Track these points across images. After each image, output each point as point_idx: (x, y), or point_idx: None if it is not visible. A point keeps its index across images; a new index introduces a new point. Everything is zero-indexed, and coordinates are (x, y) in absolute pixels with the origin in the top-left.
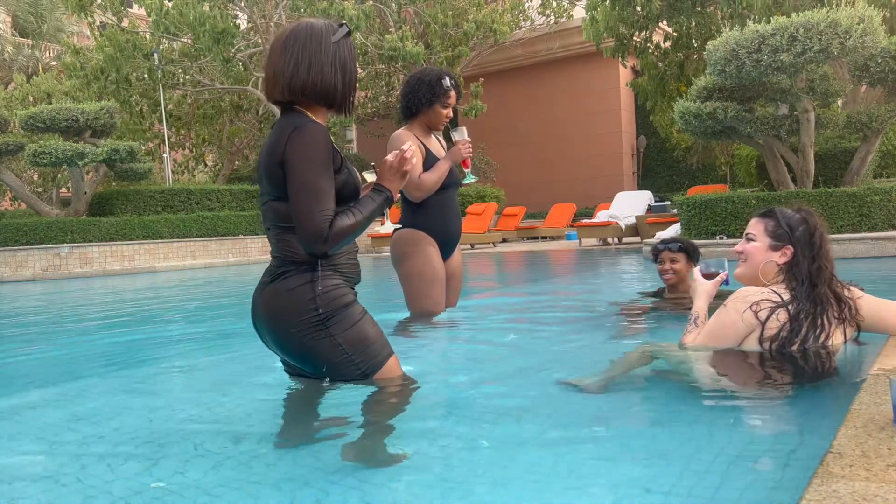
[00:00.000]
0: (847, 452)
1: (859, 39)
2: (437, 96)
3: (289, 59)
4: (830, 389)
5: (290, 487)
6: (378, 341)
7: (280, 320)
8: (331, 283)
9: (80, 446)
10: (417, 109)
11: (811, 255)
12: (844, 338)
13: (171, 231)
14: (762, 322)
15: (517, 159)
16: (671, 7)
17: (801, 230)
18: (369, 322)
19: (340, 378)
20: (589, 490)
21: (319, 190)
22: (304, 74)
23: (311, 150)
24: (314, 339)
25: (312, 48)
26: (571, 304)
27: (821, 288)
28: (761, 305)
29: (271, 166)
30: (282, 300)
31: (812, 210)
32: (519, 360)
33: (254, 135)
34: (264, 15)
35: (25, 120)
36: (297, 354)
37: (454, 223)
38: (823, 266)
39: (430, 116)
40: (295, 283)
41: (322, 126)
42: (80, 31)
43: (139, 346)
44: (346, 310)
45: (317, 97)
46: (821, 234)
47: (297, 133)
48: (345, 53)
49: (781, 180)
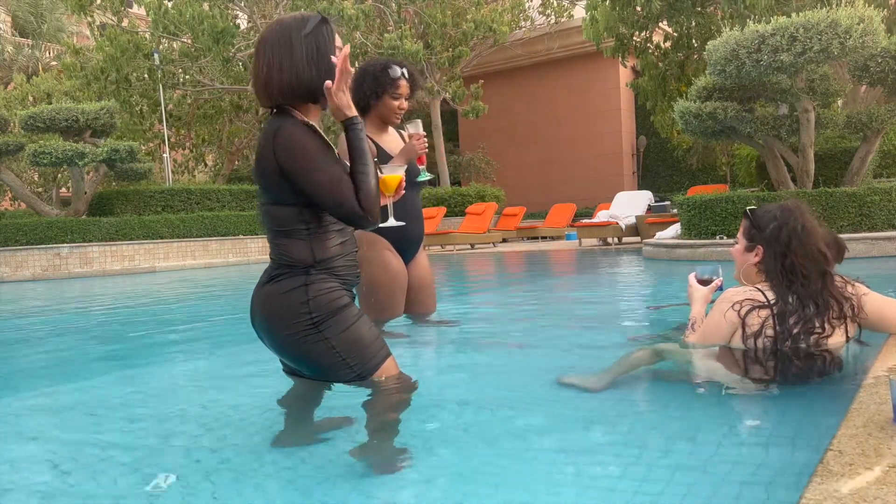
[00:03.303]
0: (847, 451)
1: (859, 39)
2: (383, 87)
3: (262, 65)
4: (830, 389)
5: (290, 487)
6: (374, 343)
7: (275, 322)
8: (324, 286)
9: (80, 446)
10: (366, 103)
11: (780, 252)
12: (846, 337)
13: (171, 231)
14: (742, 319)
15: (517, 159)
16: (671, 7)
17: (771, 228)
18: (365, 324)
19: (336, 380)
20: (589, 489)
21: (332, 180)
22: (278, 77)
23: (299, 148)
24: (308, 343)
25: (282, 49)
26: (572, 303)
27: (805, 286)
28: (743, 304)
29: (266, 174)
30: (276, 303)
31: (796, 204)
32: (520, 360)
33: (254, 135)
34: (264, 15)
35: (25, 120)
36: (292, 356)
37: (414, 224)
38: (798, 263)
39: (381, 110)
40: (288, 286)
41: (299, 122)
42: (80, 31)
43: (138, 346)
44: (340, 313)
45: (299, 97)
46: (793, 229)
47: (279, 139)
48: (320, 45)
49: (781, 180)
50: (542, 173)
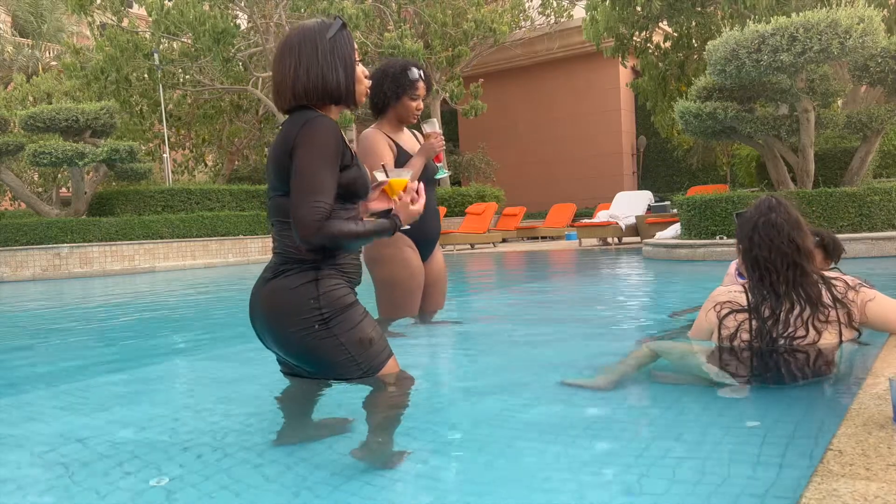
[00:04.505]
0: (847, 451)
1: (859, 39)
2: (403, 88)
3: (288, 68)
4: (830, 389)
5: (291, 487)
6: (379, 342)
7: (280, 318)
8: (333, 282)
9: (80, 446)
10: (385, 104)
11: (746, 247)
12: (840, 338)
13: (171, 231)
14: (719, 321)
15: (517, 159)
16: (671, 7)
17: (741, 223)
18: (370, 323)
19: (341, 378)
20: (588, 489)
21: (320, 180)
22: (304, 79)
23: (319, 141)
24: (316, 339)
25: (308, 51)
26: (573, 303)
27: (775, 281)
28: (724, 306)
29: (281, 157)
30: (283, 298)
31: (766, 199)
32: (521, 360)
33: (254, 135)
34: (264, 15)
35: (25, 120)
36: (295, 353)
37: (432, 221)
38: (761, 256)
39: (399, 110)
40: (297, 281)
41: (333, 121)
42: (80, 32)
43: (139, 346)
44: (348, 310)
45: (323, 98)
46: (755, 224)
47: (309, 125)
48: (343, 48)
49: (781, 180)
50: (542, 173)
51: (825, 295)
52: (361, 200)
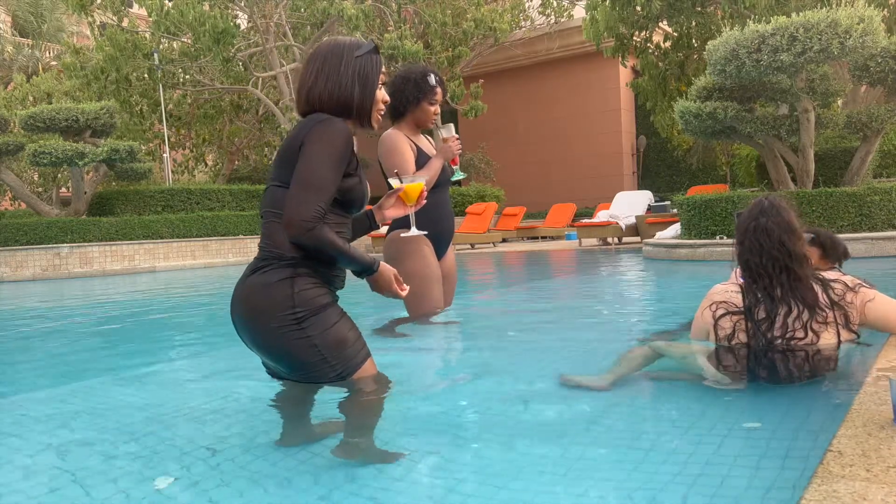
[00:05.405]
0: (847, 452)
1: (859, 39)
2: (423, 93)
3: (310, 73)
4: (830, 389)
5: (290, 487)
6: (355, 344)
7: (256, 316)
8: (309, 280)
9: (80, 447)
10: (405, 108)
11: (738, 251)
12: (838, 338)
13: (171, 231)
14: (715, 321)
15: (517, 159)
16: (671, 7)
17: (736, 226)
18: (347, 324)
19: (314, 380)
20: (587, 489)
21: (322, 177)
22: (321, 86)
23: (330, 140)
24: (290, 339)
25: (333, 61)
26: (573, 303)
27: (769, 284)
28: (719, 307)
29: (289, 150)
30: (259, 295)
31: (759, 202)
32: (521, 359)
33: (254, 135)
34: (264, 15)
35: (25, 120)
36: (271, 353)
37: (447, 222)
38: (752, 260)
39: (417, 115)
40: (273, 277)
41: (347, 126)
42: (80, 32)
43: (139, 346)
44: (323, 311)
45: (334, 107)
46: (745, 228)
47: (323, 123)
48: (367, 67)
49: (781, 180)
50: (542, 173)
51: (822, 297)
52: (354, 212)
